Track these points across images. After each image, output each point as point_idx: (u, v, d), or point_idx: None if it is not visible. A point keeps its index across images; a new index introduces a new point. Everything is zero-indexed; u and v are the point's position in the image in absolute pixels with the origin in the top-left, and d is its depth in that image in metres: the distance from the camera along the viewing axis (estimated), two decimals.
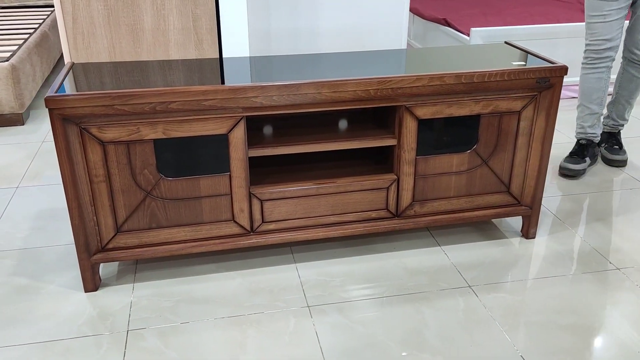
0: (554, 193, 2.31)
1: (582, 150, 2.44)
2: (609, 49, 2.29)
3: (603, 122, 2.57)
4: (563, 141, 2.78)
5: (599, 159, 2.59)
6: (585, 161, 2.41)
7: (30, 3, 4.21)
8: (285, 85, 1.60)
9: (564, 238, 2.00)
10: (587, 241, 1.98)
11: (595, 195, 2.28)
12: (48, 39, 3.57)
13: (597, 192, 2.31)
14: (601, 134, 2.59)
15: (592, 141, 2.46)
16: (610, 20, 2.22)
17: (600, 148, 2.59)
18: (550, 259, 1.89)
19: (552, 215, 2.14)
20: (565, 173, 2.42)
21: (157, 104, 1.54)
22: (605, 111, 2.53)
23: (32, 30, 3.46)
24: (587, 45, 2.35)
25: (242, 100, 1.60)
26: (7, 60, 2.85)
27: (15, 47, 3.08)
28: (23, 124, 2.97)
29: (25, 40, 3.25)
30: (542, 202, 2.20)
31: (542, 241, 1.98)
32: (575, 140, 2.57)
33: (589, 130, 2.44)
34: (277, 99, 1.62)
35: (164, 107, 1.55)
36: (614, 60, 2.34)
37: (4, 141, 2.77)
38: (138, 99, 1.53)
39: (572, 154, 2.45)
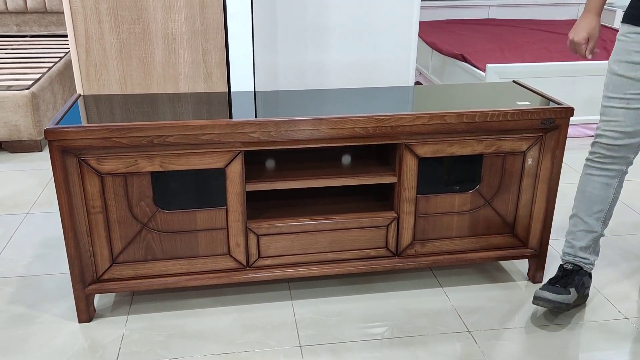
0: (564, 235, 2.23)
1: (566, 278, 1.77)
2: (627, 146, 1.68)
3: (569, 254, 1.83)
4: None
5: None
6: (568, 292, 1.72)
7: (60, 32, 4.35)
8: (283, 121, 1.60)
9: None
10: (596, 287, 1.91)
11: (608, 240, 2.20)
12: (72, 68, 3.67)
13: (610, 236, 2.23)
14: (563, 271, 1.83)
15: (581, 268, 1.80)
16: (636, 108, 1.65)
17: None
18: None
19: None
20: (539, 304, 1.72)
21: (154, 137, 1.55)
22: (592, 235, 1.80)
23: (57, 59, 3.56)
24: (597, 136, 1.71)
25: (240, 135, 1.60)
26: (28, 89, 2.93)
27: (38, 76, 3.17)
28: (41, 151, 3.03)
29: (49, 68, 3.34)
30: (551, 244, 2.13)
31: None
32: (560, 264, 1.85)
33: (580, 254, 1.80)
34: (275, 134, 1.62)
35: (162, 140, 1.56)
36: (631, 164, 1.72)
37: (21, 167, 2.83)
38: (136, 132, 1.54)
39: (552, 281, 1.78)
